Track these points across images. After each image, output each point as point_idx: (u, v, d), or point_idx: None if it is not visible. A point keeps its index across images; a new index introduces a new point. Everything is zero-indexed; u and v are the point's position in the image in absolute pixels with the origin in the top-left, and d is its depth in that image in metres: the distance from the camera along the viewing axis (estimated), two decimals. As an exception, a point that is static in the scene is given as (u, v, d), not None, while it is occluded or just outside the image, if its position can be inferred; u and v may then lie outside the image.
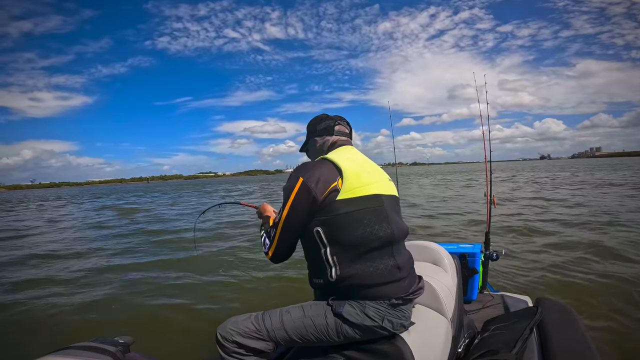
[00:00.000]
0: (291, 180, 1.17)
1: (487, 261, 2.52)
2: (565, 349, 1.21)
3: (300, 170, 1.19)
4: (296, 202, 1.13)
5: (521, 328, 1.38)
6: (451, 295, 1.50)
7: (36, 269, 5.51)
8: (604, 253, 4.16)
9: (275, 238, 1.19)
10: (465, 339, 1.56)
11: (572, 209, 7.91)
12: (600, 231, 5.43)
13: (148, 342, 2.59)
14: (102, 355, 1.00)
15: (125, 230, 9.50)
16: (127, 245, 7.19)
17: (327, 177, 1.14)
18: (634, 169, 22.84)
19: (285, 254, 1.23)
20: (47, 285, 4.53)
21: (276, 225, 1.18)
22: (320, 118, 1.41)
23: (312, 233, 1.13)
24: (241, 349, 1.12)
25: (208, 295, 3.86)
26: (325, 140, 1.37)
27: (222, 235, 7.84)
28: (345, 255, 1.10)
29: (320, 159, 1.26)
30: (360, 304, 1.10)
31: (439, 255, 1.81)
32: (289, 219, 1.15)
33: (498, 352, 1.23)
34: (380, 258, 1.13)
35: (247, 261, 5.25)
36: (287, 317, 1.15)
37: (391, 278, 1.13)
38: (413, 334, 1.14)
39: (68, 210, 19.28)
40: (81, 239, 8.51)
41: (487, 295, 2.38)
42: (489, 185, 2.96)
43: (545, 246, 4.75)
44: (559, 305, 1.61)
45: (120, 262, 5.72)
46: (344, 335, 1.10)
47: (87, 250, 6.89)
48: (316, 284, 1.20)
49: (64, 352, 0.97)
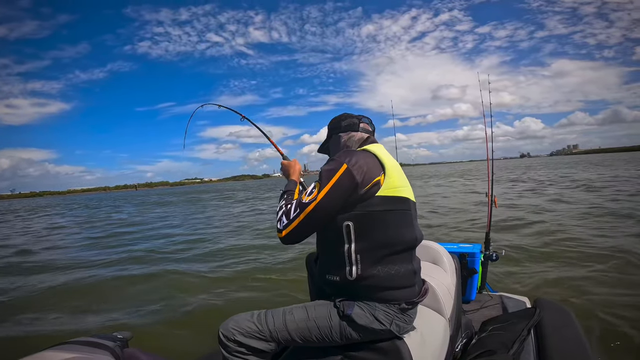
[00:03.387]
0: (333, 164, 1.09)
1: (487, 261, 2.52)
2: (562, 351, 1.21)
3: (344, 155, 1.11)
4: (335, 188, 1.05)
5: (519, 329, 1.38)
6: (450, 295, 1.50)
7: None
8: (606, 254, 4.14)
9: (299, 219, 1.08)
10: (463, 339, 1.56)
11: (571, 207, 7.88)
12: (603, 231, 5.41)
13: (146, 337, 2.61)
14: (101, 351, 1.00)
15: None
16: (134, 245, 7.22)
17: (373, 169, 1.09)
18: (608, 165, 22.15)
19: (299, 239, 1.12)
20: (55, 280, 4.57)
21: (304, 205, 1.08)
22: (343, 116, 1.36)
23: (340, 227, 1.07)
24: (243, 348, 1.10)
25: (208, 290, 3.87)
26: (350, 136, 1.31)
27: (228, 230, 7.86)
28: (369, 254, 1.07)
29: (362, 149, 1.20)
30: (370, 306, 1.07)
31: (438, 255, 1.81)
32: (323, 203, 1.05)
33: (495, 353, 1.23)
34: (401, 262, 1.11)
35: (253, 256, 5.27)
36: (290, 318, 1.12)
37: (408, 283, 1.12)
38: (411, 333, 1.14)
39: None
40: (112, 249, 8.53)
41: (486, 295, 2.38)
42: (490, 185, 2.95)
43: (545, 247, 4.74)
44: (558, 306, 1.61)
45: (124, 260, 5.76)
46: (347, 337, 1.09)
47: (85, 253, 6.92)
48: (329, 282, 1.14)
49: (63, 347, 0.97)
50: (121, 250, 6.74)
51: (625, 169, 20.71)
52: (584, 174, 19.69)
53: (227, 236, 7.47)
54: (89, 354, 0.96)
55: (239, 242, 6.58)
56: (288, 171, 1.38)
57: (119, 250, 6.75)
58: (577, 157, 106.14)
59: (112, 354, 1.02)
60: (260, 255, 5.35)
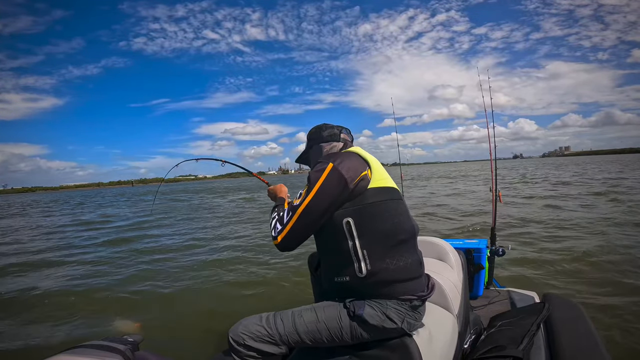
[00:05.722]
0: (319, 166, 1.13)
1: (493, 257, 2.51)
2: (573, 346, 1.20)
3: (329, 157, 1.16)
4: (324, 187, 1.08)
5: (528, 324, 1.37)
6: (457, 291, 1.49)
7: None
8: (615, 248, 4.10)
9: (292, 222, 1.10)
10: (472, 335, 1.55)
11: (579, 205, 7.81)
12: (611, 226, 5.36)
13: (157, 340, 2.62)
14: (112, 354, 1.01)
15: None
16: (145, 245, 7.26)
17: (358, 165, 1.14)
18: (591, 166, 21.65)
19: (295, 243, 1.13)
20: (64, 281, 4.61)
21: (295, 208, 1.10)
22: (324, 126, 1.38)
23: (340, 225, 1.08)
24: (253, 352, 1.11)
25: (218, 293, 3.89)
26: (332, 146, 1.34)
27: (230, 230, 7.88)
28: (375, 247, 1.07)
29: (345, 151, 1.24)
30: (381, 305, 1.07)
31: (444, 251, 1.80)
32: (313, 203, 1.07)
33: (505, 348, 1.22)
34: (407, 252, 1.12)
35: (259, 258, 5.28)
36: (299, 321, 1.12)
37: (416, 274, 1.13)
38: (419, 330, 1.14)
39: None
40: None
41: (493, 291, 2.36)
42: (494, 181, 2.95)
43: (553, 241, 4.70)
44: (567, 301, 1.60)
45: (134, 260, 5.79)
46: (358, 337, 1.09)
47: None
48: (338, 284, 1.13)
49: (76, 350, 0.99)
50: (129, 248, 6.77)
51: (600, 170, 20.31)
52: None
53: (234, 236, 7.50)
54: (101, 357, 0.97)
55: (243, 244, 6.60)
56: (275, 194, 1.40)
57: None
58: (568, 159, 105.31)
59: (124, 357, 1.03)
60: (264, 256, 5.36)
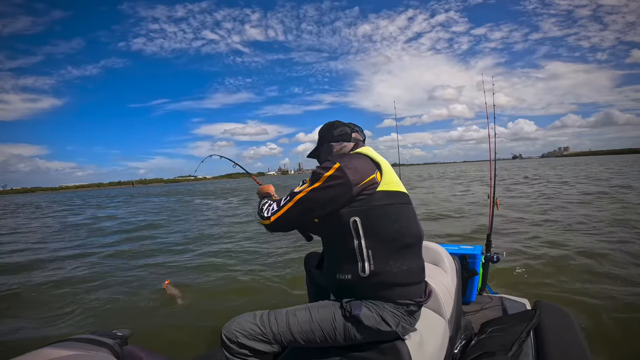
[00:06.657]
0: (326, 164, 1.14)
1: (488, 263, 2.51)
2: (560, 353, 1.21)
3: (337, 157, 1.15)
4: (327, 183, 1.09)
5: (518, 331, 1.38)
6: (450, 296, 1.49)
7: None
8: (607, 257, 4.12)
9: (289, 205, 1.13)
10: (462, 340, 1.56)
11: (574, 211, 7.84)
12: (604, 234, 5.38)
13: (148, 335, 2.62)
14: (100, 348, 1.01)
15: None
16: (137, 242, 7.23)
17: (366, 168, 1.13)
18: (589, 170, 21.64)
19: (286, 226, 1.17)
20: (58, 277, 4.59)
21: (294, 194, 1.13)
22: (336, 124, 1.37)
23: (347, 223, 1.08)
24: (246, 350, 1.11)
25: (208, 289, 3.88)
26: (343, 147, 1.33)
27: (223, 230, 7.87)
28: (380, 248, 1.07)
29: (355, 152, 1.24)
30: (378, 307, 1.07)
31: (439, 256, 1.80)
32: (313, 194, 1.10)
33: (494, 354, 1.23)
34: (412, 256, 1.12)
35: (251, 255, 5.28)
36: (293, 321, 1.12)
37: (417, 279, 1.14)
38: (411, 333, 1.14)
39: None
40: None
41: (486, 297, 2.37)
42: (493, 187, 2.94)
43: (547, 248, 4.71)
44: (558, 309, 1.61)
45: (126, 257, 5.77)
46: (351, 338, 1.09)
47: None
48: (340, 281, 1.13)
49: (62, 344, 0.97)
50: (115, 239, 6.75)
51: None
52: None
53: (232, 235, 7.50)
54: (88, 351, 0.97)
55: (240, 243, 6.60)
56: (264, 191, 1.45)
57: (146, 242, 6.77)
58: (568, 159, 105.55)
59: (112, 351, 1.02)
60: (260, 255, 5.36)
